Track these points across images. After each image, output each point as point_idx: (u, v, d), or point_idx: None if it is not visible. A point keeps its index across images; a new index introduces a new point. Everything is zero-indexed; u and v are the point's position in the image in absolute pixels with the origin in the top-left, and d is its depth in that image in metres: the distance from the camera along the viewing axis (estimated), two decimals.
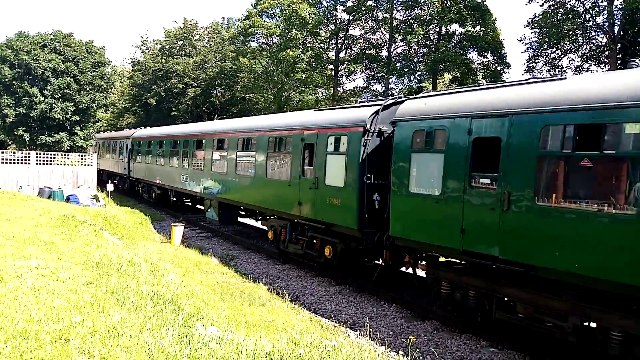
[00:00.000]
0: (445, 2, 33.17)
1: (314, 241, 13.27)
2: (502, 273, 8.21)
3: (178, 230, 17.32)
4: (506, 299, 8.43)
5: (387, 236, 10.53)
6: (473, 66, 34.88)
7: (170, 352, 5.15)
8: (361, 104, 13.23)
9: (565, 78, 8.36)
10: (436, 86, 36.22)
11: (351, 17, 37.93)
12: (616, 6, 27.33)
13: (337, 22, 38.82)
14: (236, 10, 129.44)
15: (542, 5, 29.78)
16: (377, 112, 11.30)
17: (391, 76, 37.89)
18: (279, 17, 40.78)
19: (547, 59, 31.42)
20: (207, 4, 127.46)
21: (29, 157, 26.29)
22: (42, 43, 46.29)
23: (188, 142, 21.73)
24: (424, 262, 10.33)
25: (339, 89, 41.45)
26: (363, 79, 41.61)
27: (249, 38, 42.44)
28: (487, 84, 9.72)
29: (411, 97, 11.53)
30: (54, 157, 27.64)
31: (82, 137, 49.14)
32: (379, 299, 11.24)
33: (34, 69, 44.21)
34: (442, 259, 10.06)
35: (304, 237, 13.59)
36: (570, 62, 31.11)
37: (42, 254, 9.42)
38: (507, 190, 7.76)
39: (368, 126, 11.14)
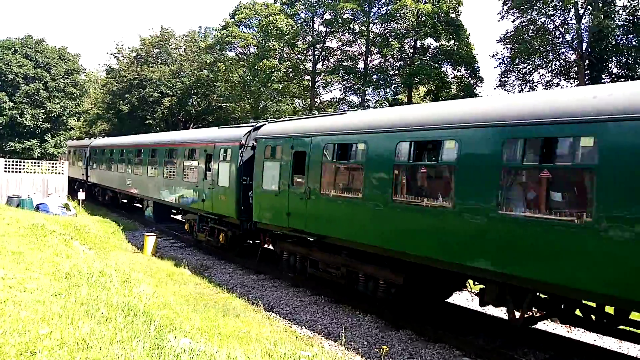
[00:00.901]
0: (420, 17, 33.76)
1: (215, 230, 16.85)
2: (314, 243, 12.11)
3: (151, 240, 17.06)
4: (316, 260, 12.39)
5: (253, 222, 14.18)
6: (447, 79, 35.52)
7: None
8: (242, 125, 17.39)
9: (345, 113, 12.76)
10: (411, 99, 36.72)
11: (328, 30, 38.26)
12: (584, 24, 28.33)
13: (314, 34, 39.10)
14: (213, 20, 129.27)
15: (513, 21, 30.67)
16: (250, 132, 14.98)
17: (367, 88, 38.29)
18: (256, 27, 40.86)
19: (518, 74, 32.25)
20: (184, 13, 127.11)
21: None
22: (13, 48, 45.31)
23: (131, 152, 25.02)
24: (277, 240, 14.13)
25: (316, 99, 41.64)
26: (340, 90, 41.95)
27: (226, 47, 42.37)
28: (304, 116, 15.34)
29: (271, 120, 15.90)
30: (24, 165, 26.94)
31: (53, 145, 48.03)
32: (354, 309, 11.26)
33: (5, 74, 43.17)
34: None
35: (207, 227, 17.22)
36: (541, 77, 32.03)
37: (9, 264, 9.17)
38: (309, 185, 11.75)
39: (243, 142, 14.91)
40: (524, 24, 30.19)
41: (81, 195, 26.46)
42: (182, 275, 14.04)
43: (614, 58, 29.02)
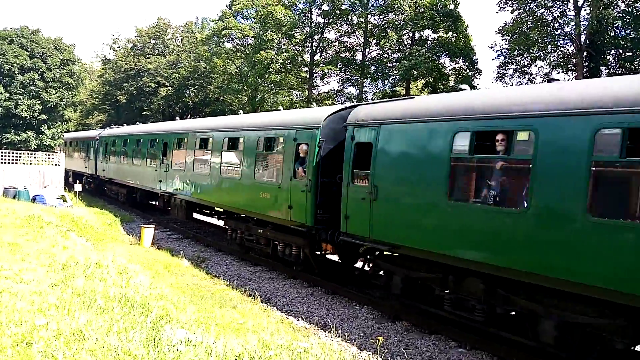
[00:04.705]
0: (418, 8, 33.58)
1: (92, 183, 32.37)
2: (118, 184, 27.32)
3: (148, 231, 17.04)
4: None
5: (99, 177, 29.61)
6: (445, 71, 35.39)
7: (138, 355, 5.06)
8: (99, 129, 33.94)
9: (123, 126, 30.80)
10: (409, 91, 36.60)
11: (326, 21, 38.03)
12: (583, 16, 28.23)
13: (312, 25, 38.85)
14: (210, 10, 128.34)
15: (512, 12, 30.51)
16: (100, 132, 29.99)
17: (365, 80, 38.15)
18: (254, 18, 40.59)
19: (517, 66, 32.15)
20: (180, 3, 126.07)
21: None
22: (9, 39, 44.89)
23: (77, 143, 37.37)
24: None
25: (313, 91, 41.48)
26: (338, 82, 41.78)
27: (223, 39, 42.12)
28: (120, 127, 32.39)
29: (108, 128, 33.05)
30: (20, 156, 26.86)
31: (50, 137, 47.85)
32: (351, 300, 11.29)
33: (1, 65, 42.82)
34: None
35: (91, 181, 32.31)
36: (539, 69, 31.93)
37: (6, 255, 9.16)
38: (111, 159, 27.27)
39: (97, 138, 29.30)
40: (522, 15, 30.05)
41: (78, 186, 26.39)
42: (179, 266, 14.05)
43: (612, 50, 28.95)
